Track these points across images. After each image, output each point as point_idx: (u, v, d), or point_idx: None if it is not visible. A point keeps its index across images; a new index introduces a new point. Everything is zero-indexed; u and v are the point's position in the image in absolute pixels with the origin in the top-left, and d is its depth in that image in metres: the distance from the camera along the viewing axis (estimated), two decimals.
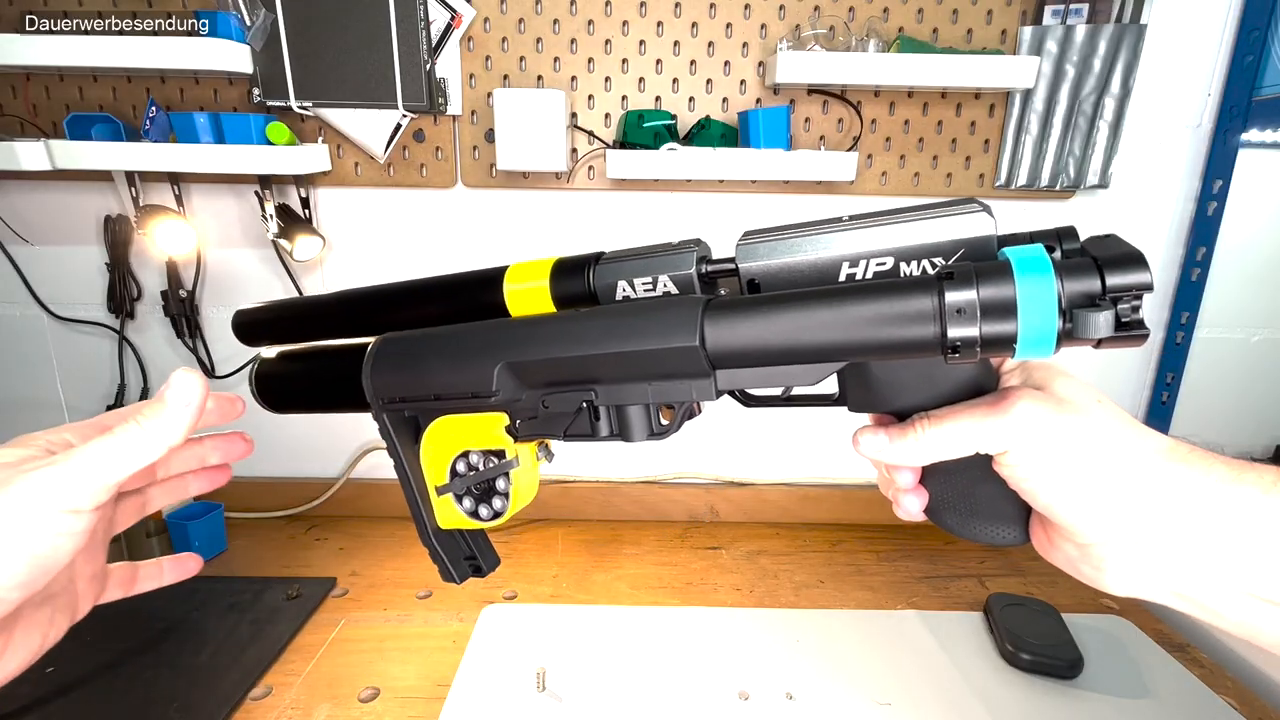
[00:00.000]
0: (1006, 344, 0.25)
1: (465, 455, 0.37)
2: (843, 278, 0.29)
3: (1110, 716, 0.66)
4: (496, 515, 0.37)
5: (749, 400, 0.35)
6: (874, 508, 1.06)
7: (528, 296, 0.35)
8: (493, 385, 0.33)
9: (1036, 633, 0.75)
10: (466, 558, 0.40)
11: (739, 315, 0.29)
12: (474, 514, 0.37)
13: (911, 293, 0.26)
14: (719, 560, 0.96)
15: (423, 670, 0.72)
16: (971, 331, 0.25)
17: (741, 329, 0.28)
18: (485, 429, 0.36)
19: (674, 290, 0.32)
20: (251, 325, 0.45)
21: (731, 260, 0.31)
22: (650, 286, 0.32)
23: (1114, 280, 0.24)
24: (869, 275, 0.28)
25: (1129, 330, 0.24)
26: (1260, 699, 0.71)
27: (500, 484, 0.36)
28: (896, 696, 0.69)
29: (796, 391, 0.34)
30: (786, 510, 1.07)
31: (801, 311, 0.27)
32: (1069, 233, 0.29)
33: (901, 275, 0.28)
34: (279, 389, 0.43)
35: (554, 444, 0.38)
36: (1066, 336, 0.24)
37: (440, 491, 0.38)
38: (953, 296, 0.25)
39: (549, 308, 0.35)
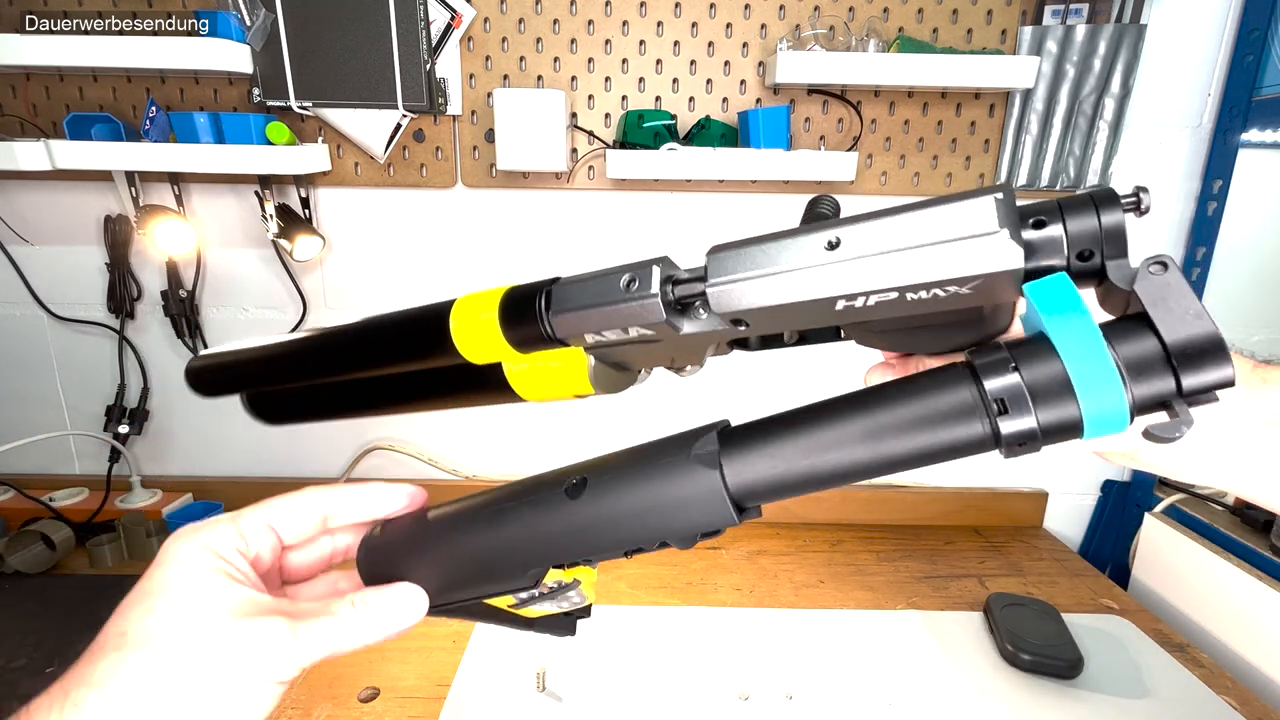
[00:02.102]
0: (1072, 430, 0.22)
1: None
2: (840, 307, 0.25)
3: (1110, 716, 0.66)
4: (578, 605, 0.35)
5: (750, 345, 0.34)
6: (874, 508, 1.06)
7: (476, 331, 0.32)
8: (530, 584, 0.32)
9: (1036, 633, 0.75)
10: (564, 615, 0.39)
11: (763, 463, 0.26)
12: (559, 608, 0.36)
13: (945, 389, 0.23)
14: (719, 560, 0.96)
15: (423, 670, 0.72)
16: (1027, 424, 0.22)
17: (771, 476, 0.26)
18: None
19: (647, 333, 0.29)
20: (201, 373, 0.44)
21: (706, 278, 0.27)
22: (622, 332, 0.29)
23: (1191, 382, 0.21)
24: (870, 304, 0.25)
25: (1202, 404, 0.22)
26: (1260, 699, 0.71)
27: (570, 593, 0.35)
28: (896, 696, 0.69)
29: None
30: (786, 510, 1.07)
31: (821, 435, 0.25)
32: (1107, 200, 0.23)
33: (908, 300, 0.24)
34: (274, 402, 0.43)
35: None
36: (1138, 411, 0.22)
37: (515, 608, 0.36)
38: (993, 385, 0.22)
39: (499, 343, 0.32)
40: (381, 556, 0.34)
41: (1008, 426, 0.22)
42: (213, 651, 0.25)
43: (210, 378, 0.43)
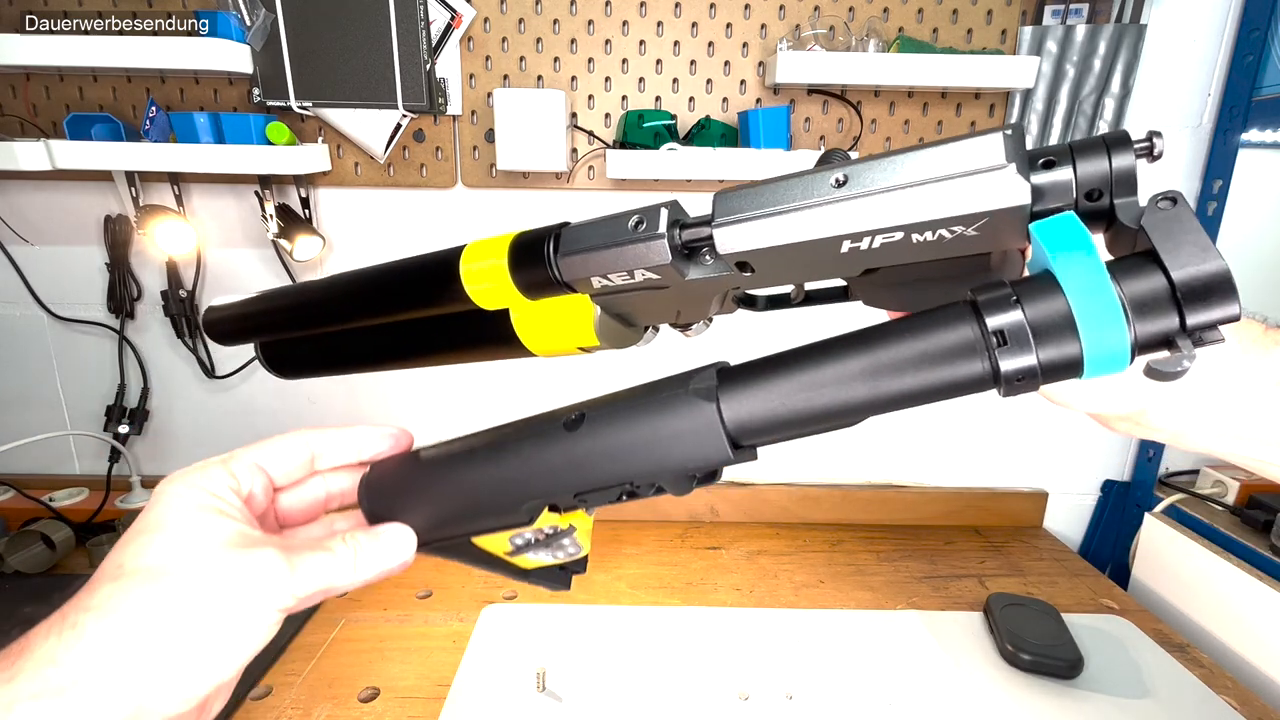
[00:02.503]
0: (1072, 369, 0.21)
1: (520, 534, 0.35)
2: (845, 250, 0.25)
3: (1110, 716, 0.66)
4: (573, 556, 0.35)
5: (756, 304, 0.34)
6: (874, 507, 1.06)
7: (486, 276, 0.33)
8: (525, 520, 0.32)
9: (1036, 633, 0.75)
10: (559, 567, 0.39)
11: (760, 399, 0.26)
12: (553, 558, 0.36)
13: (946, 324, 0.23)
14: (719, 560, 0.96)
15: (423, 670, 0.72)
16: (1027, 360, 0.21)
17: (767, 412, 0.26)
18: None
19: (653, 277, 0.29)
20: (219, 323, 0.45)
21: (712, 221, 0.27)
22: (628, 276, 0.30)
23: (1195, 319, 0.21)
24: (875, 246, 0.25)
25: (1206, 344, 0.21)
26: (1260, 699, 0.71)
27: (564, 540, 0.35)
28: (896, 696, 0.69)
29: (810, 287, 0.33)
30: (786, 510, 1.07)
31: (820, 372, 0.25)
32: (1119, 142, 0.23)
33: (914, 242, 0.24)
34: (287, 353, 0.43)
35: None
36: (1140, 349, 0.21)
37: (510, 555, 0.36)
38: (994, 320, 0.22)
39: (508, 288, 0.32)
40: (378, 495, 0.34)
41: (1007, 363, 0.21)
42: (208, 580, 0.25)
43: (227, 327, 0.44)
